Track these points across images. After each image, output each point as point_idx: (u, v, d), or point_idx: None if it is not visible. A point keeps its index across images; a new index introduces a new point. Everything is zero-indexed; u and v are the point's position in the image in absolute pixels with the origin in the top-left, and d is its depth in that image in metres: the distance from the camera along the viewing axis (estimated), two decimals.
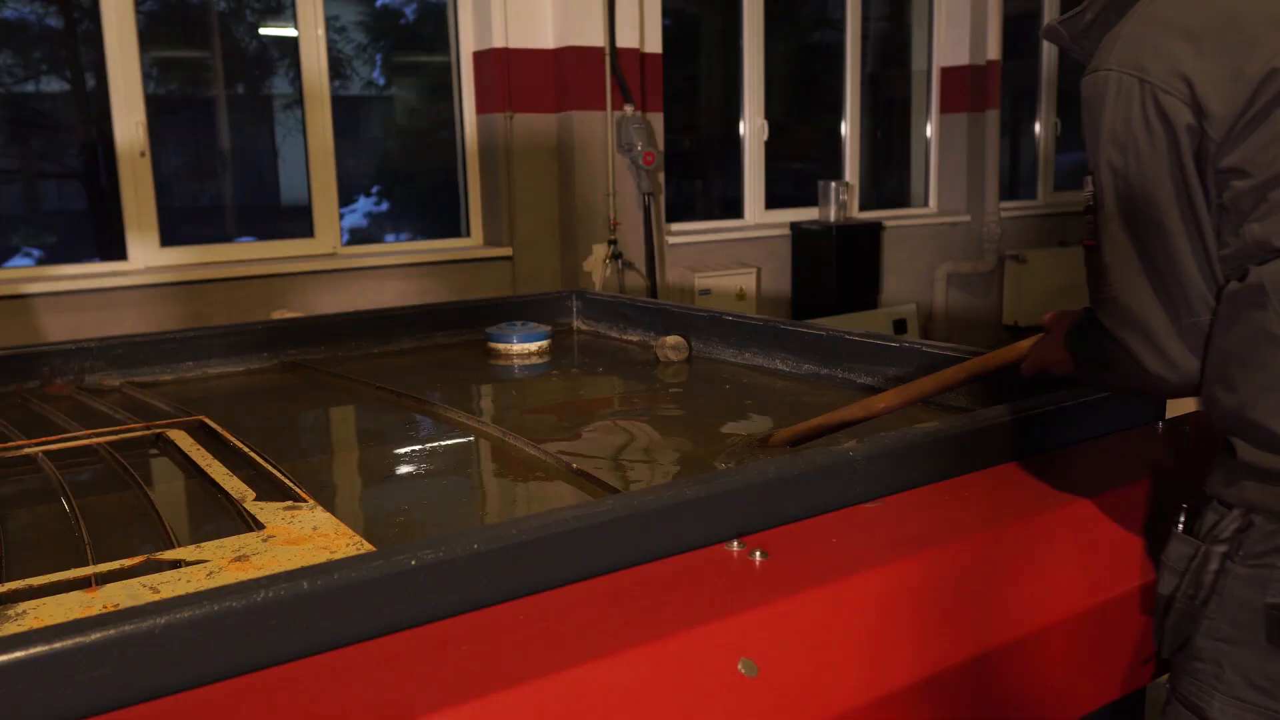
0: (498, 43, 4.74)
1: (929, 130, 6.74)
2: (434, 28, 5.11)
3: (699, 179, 6.22)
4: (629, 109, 4.91)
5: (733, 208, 6.00)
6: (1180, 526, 1.24)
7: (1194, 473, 1.52)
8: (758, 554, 1.18)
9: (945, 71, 6.62)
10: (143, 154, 4.14)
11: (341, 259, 4.57)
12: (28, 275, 4.04)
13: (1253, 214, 1.12)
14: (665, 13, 5.24)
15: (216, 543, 1.28)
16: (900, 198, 6.87)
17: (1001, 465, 1.50)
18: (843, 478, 1.34)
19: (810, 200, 6.00)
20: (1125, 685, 1.41)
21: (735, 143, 5.94)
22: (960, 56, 6.52)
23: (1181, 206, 1.14)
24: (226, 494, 1.52)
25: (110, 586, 1.15)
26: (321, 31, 4.52)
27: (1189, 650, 1.22)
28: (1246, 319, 1.11)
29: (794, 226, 5.86)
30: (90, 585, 1.16)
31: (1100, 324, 1.26)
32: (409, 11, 5.25)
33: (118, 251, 4.19)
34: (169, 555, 1.24)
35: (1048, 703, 1.32)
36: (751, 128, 5.89)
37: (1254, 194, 1.11)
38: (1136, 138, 1.15)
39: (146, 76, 4.18)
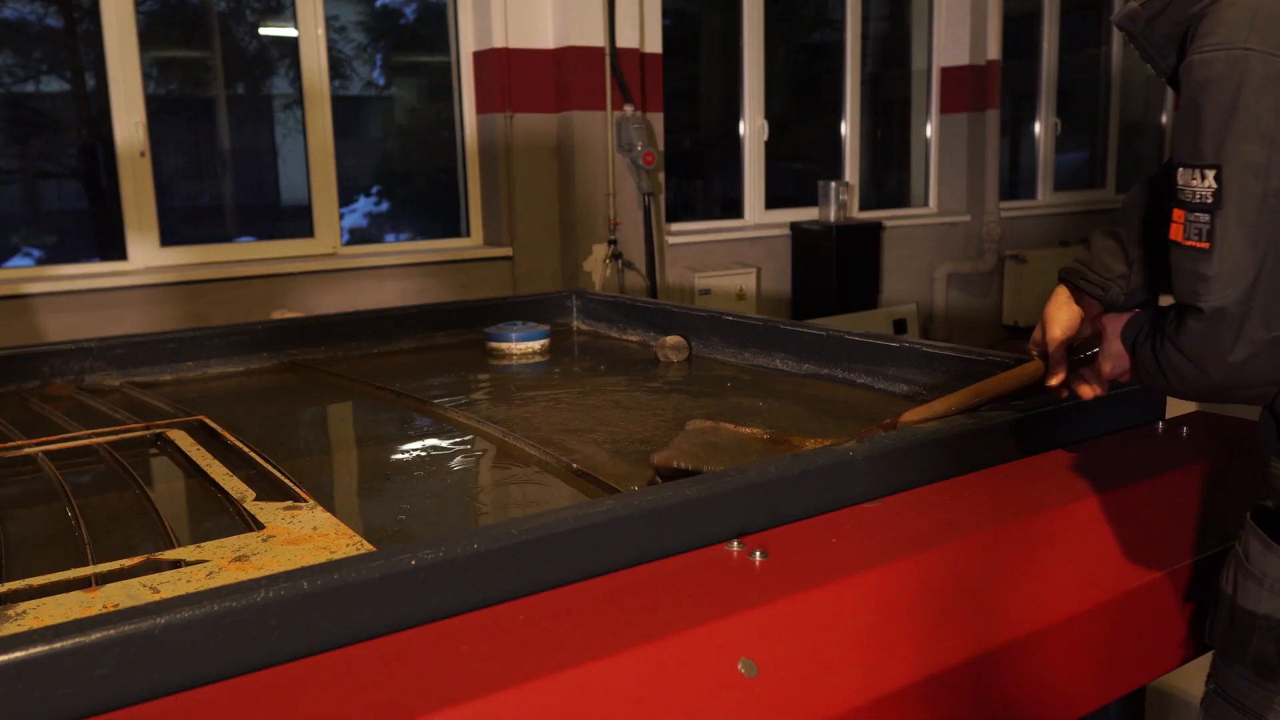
0: (498, 43, 4.74)
1: (929, 130, 6.74)
2: (434, 28, 5.11)
3: (699, 179, 6.22)
4: (629, 109, 4.91)
5: (733, 208, 6.00)
6: (1267, 538, 1.16)
7: (1195, 473, 1.52)
8: (758, 554, 1.18)
9: (945, 71, 6.62)
10: (143, 154, 4.14)
11: (341, 259, 4.57)
12: (28, 275, 4.04)
13: None
14: (665, 13, 5.24)
15: (216, 543, 1.28)
16: (900, 198, 6.87)
17: (1001, 465, 1.50)
18: (843, 478, 1.34)
19: (810, 200, 6.00)
20: (1125, 685, 1.41)
21: (735, 143, 5.94)
22: (960, 56, 6.52)
23: None
24: (226, 494, 1.52)
25: (110, 586, 1.15)
26: (321, 31, 4.52)
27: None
28: None
29: (794, 226, 5.86)
30: (90, 585, 1.16)
31: (1161, 329, 1.17)
32: (409, 11, 5.25)
33: (118, 251, 4.19)
34: (169, 555, 1.24)
35: (1047, 702, 1.32)
36: (751, 128, 5.89)
37: None
38: None
39: (146, 76, 4.18)
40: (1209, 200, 1.05)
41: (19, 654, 0.84)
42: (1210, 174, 1.05)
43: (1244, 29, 1.03)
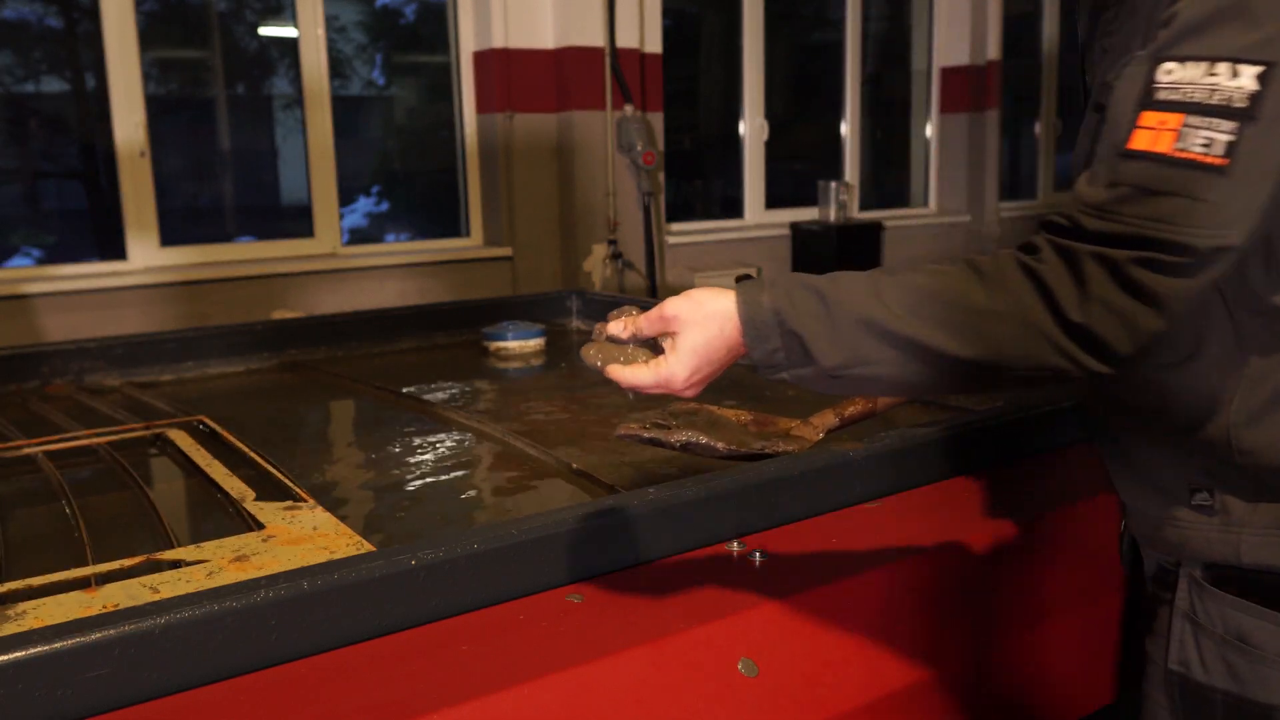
0: (497, 43, 4.74)
1: (929, 130, 6.74)
2: (434, 28, 5.11)
3: (699, 179, 6.22)
4: (629, 109, 4.91)
5: (733, 208, 5.99)
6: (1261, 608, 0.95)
7: None
8: (758, 554, 1.18)
9: (945, 71, 6.62)
10: (143, 154, 4.13)
11: (341, 259, 4.57)
12: (28, 275, 4.04)
13: None
14: (665, 13, 5.23)
15: (216, 543, 1.28)
16: (900, 198, 6.87)
17: (1002, 466, 1.50)
18: (843, 478, 1.34)
19: (810, 200, 5.99)
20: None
21: (735, 143, 5.94)
22: (960, 56, 6.52)
23: None
24: (226, 494, 1.52)
25: (110, 586, 1.15)
26: (321, 31, 4.51)
27: None
28: None
29: (794, 226, 5.86)
30: (90, 585, 1.17)
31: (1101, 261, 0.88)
32: (409, 11, 5.25)
33: (118, 251, 4.19)
34: (169, 555, 1.24)
35: (1047, 703, 1.32)
36: (751, 128, 5.88)
37: None
38: None
39: (146, 76, 4.18)
40: (1243, 105, 0.79)
41: (19, 654, 0.84)
42: (1251, 71, 0.79)
43: None
